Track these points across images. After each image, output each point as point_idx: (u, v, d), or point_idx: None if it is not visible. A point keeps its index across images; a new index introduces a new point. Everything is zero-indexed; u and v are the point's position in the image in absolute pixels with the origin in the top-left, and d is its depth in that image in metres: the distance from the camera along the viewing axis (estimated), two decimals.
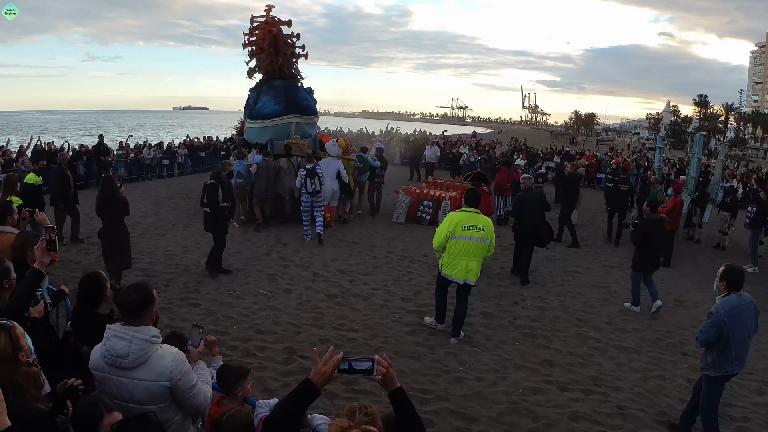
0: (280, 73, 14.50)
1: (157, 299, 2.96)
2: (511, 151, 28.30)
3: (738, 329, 4.83)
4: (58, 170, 11.08)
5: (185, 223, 12.83)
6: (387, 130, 33.11)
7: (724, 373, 4.97)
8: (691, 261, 12.62)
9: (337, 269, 9.67)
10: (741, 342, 4.89)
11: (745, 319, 4.88)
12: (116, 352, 2.68)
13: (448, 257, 6.90)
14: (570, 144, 57.63)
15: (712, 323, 4.83)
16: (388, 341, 6.85)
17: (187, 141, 24.86)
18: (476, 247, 6.84)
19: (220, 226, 9.12)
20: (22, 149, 17.63)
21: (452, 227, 6.80)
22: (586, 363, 6.70)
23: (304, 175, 11.27)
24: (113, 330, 2.74)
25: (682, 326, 8.33)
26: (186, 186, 18.73)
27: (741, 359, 4.96)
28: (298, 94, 14.26)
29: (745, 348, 4.98)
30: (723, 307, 4.84)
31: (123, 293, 2.86)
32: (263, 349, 6.39)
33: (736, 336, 4.83)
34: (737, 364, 4.94)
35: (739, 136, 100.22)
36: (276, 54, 14.37)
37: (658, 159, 19.38)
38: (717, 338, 4.82)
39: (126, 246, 8.21)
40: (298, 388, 2.28)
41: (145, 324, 2.79)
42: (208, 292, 8.18)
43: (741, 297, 4.90)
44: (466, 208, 7.03)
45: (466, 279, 6.88)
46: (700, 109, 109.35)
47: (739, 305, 4.85)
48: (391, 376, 2.23)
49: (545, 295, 9.14)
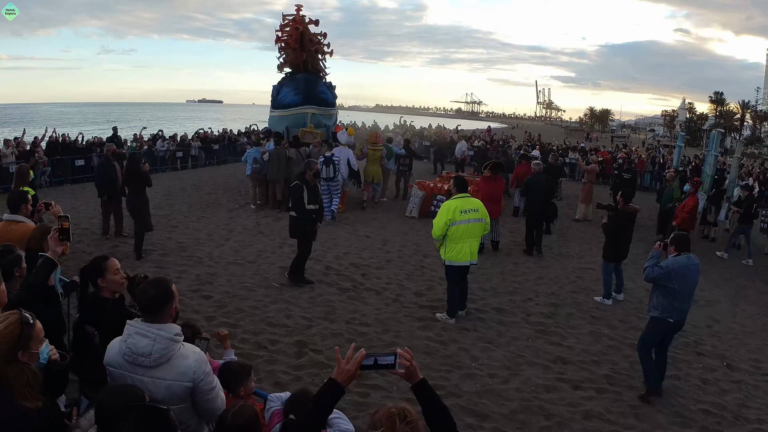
0: (304, 68, 15.86)
1: (176, 295, 2.90)
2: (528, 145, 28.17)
3: (683, 283, 5.73)
4: (103, 161, 10.92)
5: (198, 215, 12.85)
6: (400, 123, 32.99)
7: (665, 317, 5.82)
8: (705, 259, 12.45)
9: (350, 263, 9.65)
10: (685, 295, 5.82)
11: (691, 276, 5.80)
12: (139, 350, 2.61)
13: (452, 244, 7.23)
14: (585, 140, 57.25)
15: (662, 272, 5.71)
16: (400, 336, 6.82)
17: (201, 133, 24.91)
18: (475, 228, 7.28)
19: (307, 231, 8.43)
20: (36, 141, 17.72)
21: (451, 214, 7.17)
22: (600, 361, 6.64)
23: (321, 162, 12.17)
24: (135, 327, 2.67)
25: (698, 325, 8.24)
26: (200, 178, 18.77)
27: (681, 310, 5.85)
28: (317, 87, 15.45)
29: (688, 300, 5.92)
30: (674, 264, 5.72)
31: (142, 289, 2.80)
32: (274, 342, 6.38)
33: (681, 289, 5.73)
34: (677, 314, 5.82)
35: (755, 134, 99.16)
36: (301, 50, 15.63)
37: (677, 157, 19.18)
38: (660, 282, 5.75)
39: (147, 214, 9.69)
40: (323, 389, 2.24)
41: (165, 321, 2.73)
42: (219, 284, 8.17)
43: (689, 258, 5.80)
44: (458, 195, 7.43)
45: (471, 260, 7.31)
46: (716, 106, 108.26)
47: (687, 264, 5.74)
48: (414, 368, 2.21)
49: (559, 291, 9.07)
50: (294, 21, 15.60)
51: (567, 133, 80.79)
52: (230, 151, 24.95)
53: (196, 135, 24.58)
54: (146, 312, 2.73)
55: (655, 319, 5.93)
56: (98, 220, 11.65)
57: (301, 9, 15.69)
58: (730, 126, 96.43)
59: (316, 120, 15.06)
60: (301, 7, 15.69)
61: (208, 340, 3.26)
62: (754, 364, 7.10)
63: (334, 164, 12.57)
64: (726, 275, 11.47)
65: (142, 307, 2.76)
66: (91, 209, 12.88)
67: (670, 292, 5.73)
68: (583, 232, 14.01)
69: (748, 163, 35.55)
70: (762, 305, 9.79)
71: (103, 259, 3.53)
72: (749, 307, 9.61)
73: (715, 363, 6.98)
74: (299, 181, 8.28)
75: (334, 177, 12.67)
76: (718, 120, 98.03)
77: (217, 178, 19.03)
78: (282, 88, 15.68)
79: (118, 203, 10.59)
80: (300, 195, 8.12)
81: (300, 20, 15.58)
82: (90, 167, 18.32)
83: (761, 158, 56.68)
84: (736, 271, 11.92)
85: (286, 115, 15.29)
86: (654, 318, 5.95)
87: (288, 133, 14.88)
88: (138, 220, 9.55)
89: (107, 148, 11.17)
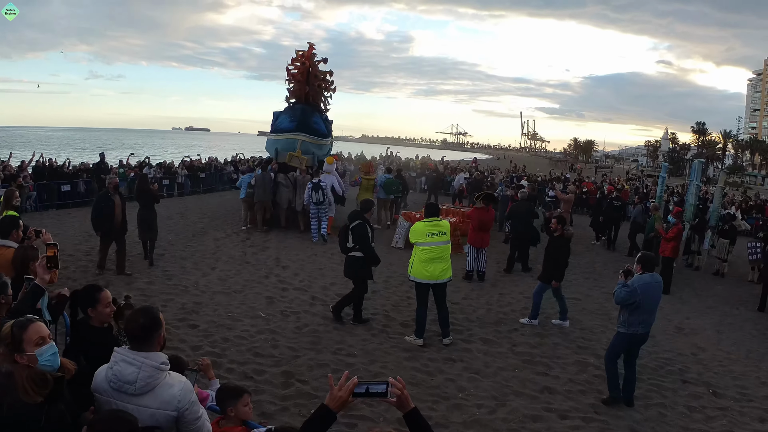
0: (306, 100, 16.93)
1: (164, 323, 2.91)
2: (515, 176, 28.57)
3: (647, 299, 6.17)
4: (103, 195, 10.17)
5: (184, 243, 12.81)
6: (387, 155, 33.29)
7: (633, 331, 6.27)
8: (690, 288, 12.60)
9: (336, 293, 9.62)
10: (649, 310, 6.27)
11: (654, 293, 6.27)
12: (124, 378, 2.62)
13: (418, 263, 7.55)
14: (569, 171, 57.83)
15: (629, 290, 6.10)
16: (387, 367, 6.79)
17: (187, 161, 24.93)
18: (441, 250, 7.57)
19: (368, 270, 8.35)
20: (23, 165, 17.65)
21: (415, 237, 7.67)
22: (587, 390, 6.65)
23: (310, 188, 13.57)
24: (122, 354, 2.68)
25: (683, 353, 8.30)
26: (186, 206, 18.74)
27: (646, 323, 6.32)
28: (311, 118, 16.44)
29: (652, 314, 6.38)
30: (638, 282, 6.16)
31: (130, 317, 2.82)
32: (261, 373, 6.34)
33: (645, 304, 6.17)
34: (642, 327, 6.28)
35: (737, 163, 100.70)
36: (305, 84, 16.84)
37: (660, 187, 19.44)
38: (630, 302, 6.11)
39: (154, 225, 11.01)
40: (315, 414, 2.26)
41: (153, 349, 2.73)
42: (206, 314, 8.13)
43: (653, 276, 6.30)
44: (427, 219, 7.75)
45: (438, 279, 7.54)
46: (699, 136, 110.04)
47: (651, 282, 6.22)
48: (406, 397, 2.23)
49: (545, 321, 9.09)
50: (303, 57, 16.85)
51: (552, 164, 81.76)
52: (217, 180, 24.97)
53: (182, 163, 24.60)
54: (134, 340, 2.73)
55: (623, 334, 6.35)
56: (84, 246, 11.66)
57: (313, 48, 17.13)
58: (712, 155, 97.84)
59: (305, 147, 15.83)
60: (313, 46, 17.17)
61: (197, 371, 3.24)
62: (739, 391, 7.14)
63: (323, 189, 13.58)
64: (710, 303, 11.57)
65: (130, 335, 2.76)
66: (77, 235, 12.86)
67: (636, 308, 6.15)
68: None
69: (730, 192, 36.01)
70: (746, 332, 9.87)
71: (98, 290, 3.52)
72: (734, 334, 9.68)
73: (700, 390, 7.01)
74: (361, 220, 8.17)
75: (323, 201, 13.72)
76: (700, 150, 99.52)
77: (203, 206, 19.02)
78: (281, 115, 16.81)
79: (119, 240, 10.01)
80: (365, 233, 8.12)
81: (309, 57, 16.85)
82: (76, 193, 18.31)
83: (744, 187, 57.44)
84: (721, 298, 12.03)
85: (278, 139, 16.30)
86: (622, 334, 6.37)
87: (278, 154, 15.95)
88: (146, 228, 10.86)
89: (110, 181, 10.51)
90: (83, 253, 11.10)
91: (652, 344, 8.52)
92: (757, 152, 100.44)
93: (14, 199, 7.39)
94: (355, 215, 8.29)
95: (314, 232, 14.10)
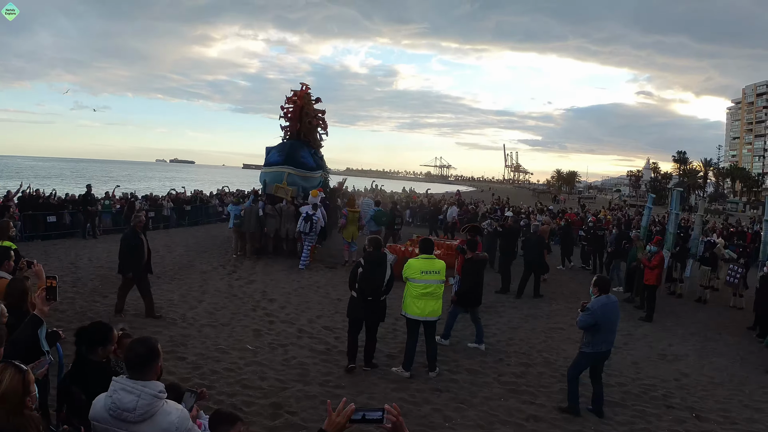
0: (297, 136, 18.38)
1: (161, 353, 2.99)
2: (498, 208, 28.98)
3: (606, 319, 6.64)
4: (129, 233, 9.67)
5: (171, 276, 12.82)
6: (372, 188, 33.58)
7: (596, 350, 6.73)
8: (673, 315, 12.76)
9: (323, 326, 9.69)
10: (609, 329, 6.74)
11: (611, 313, 6.74)
12: (123, 406, 2.70)
13: (410, 298, 7.59)
14: (552, 202, 58.40)
15: (589, 314, 6.60)
16: (374, 397, 6.84)
17: (173, 194, 24.97)
18: (434, 288, 7.59)
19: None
20: (9, 195, 17.59)
21: (409, 272, 7.59)
22: (571, 419, 6.72)
23: (303, 219, 14.65)
24: (121, 383, 2.76)
25: (666, 379, 8.42)
26: (172, 239, 18.74)
27: (608, 341, 6.83)
28: (299, 152, 17.71)
29: (612, 333, 6.88)
30: (596, 304, 6.65)
31: (129, 347, 2.91)
32: (250, 404, 6.36)
33: (604, 325, 6.63)
34: (605, 345, 6.78)
35: (718, 191, 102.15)
36: (297, 121, 18.31)
37: (646, 218, 19.76)
38: (592, 324, 6.57)
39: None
40: None
41: (151, 378, 2.82)
42: (194, 346, 8.15)
43: (609, 298, 6.79)
44: (422, 255, 7.73)
45: (428, 317, 7.57)
46: (680, 165, 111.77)
47: (607, 303, 6.70)
48: (401, 423, 2.31)
49: (529, 351, 9.20)
50: (297, 96, 18.33)
51: (535, 196, 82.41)
52: (203, 213, 24.98)
53: (168, 195, 24.63)
54: (132, 369, 2.82)
55: (586, 354, 6.82)
56: (70, 278, 11.62)
57: (308, 88, 18.72)
58: (693, 184, 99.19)
59: (291, 179, 16.99)
60: (308, 87, 18.73)
61: (197, 393, 3.31)
62: (722, 414, 7.25)
63: (312, 221, 14.55)
64: (693, 329, 11.72)
65: (129, 364, 2.85)
66: (63, 267, 12.91)
67: (597, 329, 6.61)
68: (553, 292, 14.27)
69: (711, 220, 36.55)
70: (729, 357, 10.01)
71: (109, 330, 3.65)
72: (717, 359, 9.82)
73: (684, 415, 7.10)
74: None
75: (309, 233, 14.70)
76: (681, 178, 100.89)
77: (189, 239, 19.03)
78: (272, 150, 18.06)
79: (144, 280, 9.65)
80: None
81: (301, 96, 18.33)
82: (62, 224, 18.26)
83: (725, 214, 58.22)
84: (703, 325, 12.19)
85: (267, 171, 17.71)
86: (586, 353, 6.83)
87: (266, 186, 17.55)
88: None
89: (137, 219, 9.89)
90: (69, 284, 11.08)
91: (636, 371, 8.66)
92: (738, 180, 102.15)
93: (10, 230, 7.38)
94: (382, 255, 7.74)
95: (303, 259, 14.87)
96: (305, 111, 18.35)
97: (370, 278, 7.50)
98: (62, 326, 6.47)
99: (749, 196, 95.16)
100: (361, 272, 7.53)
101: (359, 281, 7.52)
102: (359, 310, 7.61)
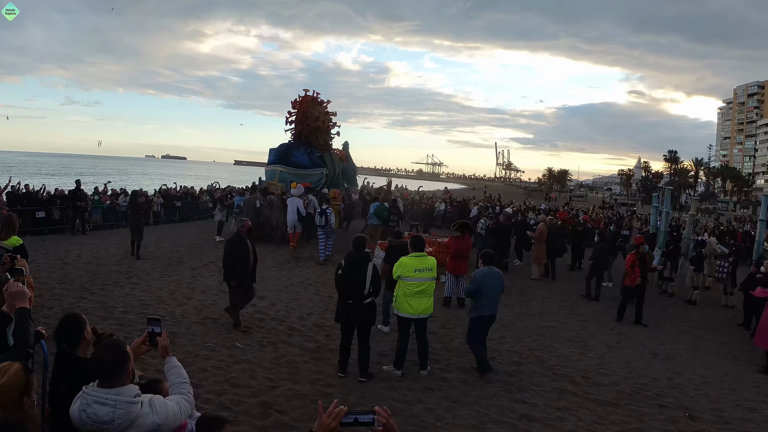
0: (298, 138, 21.37)
1: (132, 356, 2.86)
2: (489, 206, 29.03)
3: (488, 287, 7.66)
4: (235, 239, 9.20)
5: (160, 272, 12.68)
6: (364, 185, 33.52)
7: (480, 314, 7.71)
8: (665, 314, 12.77)
9: (313, 323, 9.59)
10: (491, 295, 7.73)
11: (493, 281, 7.72)
12: (100, 419, 2.58)
13: (402, 297, 7.48)
14: (545, 201, 58.50)
15: (473, 281, 7.72)
16: (366, 396, 6.76)
17: (163, 190, 24.79)
18: (427, 286, 7.57)
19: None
20: None
21: (401, 271, 7.49)
22: (564, 417, 6.67)
23: (318, 214, 15.59)
24: (93, 396, 2.62)
25: (658, 378, 8.40)
26: (162, 235, 18.56)
27: (491, 307, 7.76)
28: (292, 152, 20.37)
29: (495, 300, 7.83)
30: (479, 273, 7.75)
31: (95, 354, 2.77)
32: (238, 403, 6.27)
33: (487, 292, 7.66)
34: (487, 310, 7.72)
35: (709, 190, 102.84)
36: (299, 124, 21.24)
37: (654, 217, 19.79)
38: (477, 292, 7.65)
39: (141, 229, 14.89)
40: None
41: (123, 383, 2.69)
42: (182, 344, 8.02)
43: (491, 269, 7.86)
44: (414, 253, 7.65)
45: (420, 315, 7.50)
46: (671, 164, 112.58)
47: (489, 273, 7.76)
48: (392, 426, 2.24)
49: (521, 350, 9.15)
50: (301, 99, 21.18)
51: (526, 194, 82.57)
52: (193, 209, 24.81)
53: (158, 191, 24.45)
54: (103, 377, 2.68)
55: (474, 318, 7.79)
56: (58, 275, 11.48)
57: (319, 95, 22.02)
58: (684, 183, 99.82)
59: (282, 176, 19.58)
60: (318, 93, 21.96)
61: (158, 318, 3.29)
62: (715, 413, 7.24)
63: (327, 215, 15.37)
64: (685, 328, 11.73)
65: (98, 373, 2.70)
66: (51, 263, 12.72)
67: (480, 294, 7.65)
68: (545, 290, 14.24)
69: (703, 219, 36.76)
70: (721, 356, 10.02)
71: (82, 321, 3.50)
72: (709, 358, 9.83)
73: (677, 414, 7.08)
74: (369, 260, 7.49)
75: (324, 225, 15.43)
76: (672, 178, 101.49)
77: (179, 235, 18.88)
78: (272, 151, 20.70)
79: (249, 292, 9.28)
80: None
81: (304, 102, 21.19)
82: (51, 219, 18.07)
83: (716, 213, 58.56)
84: (695, 324, 12.20)
85: (266, 170, 20.97)
86: (473, 318, 7.81)
87: (260, 182, 20.82)
88: (137, 233, 14.54)
89: (242, 224, 9.33)
90: (57, 281, 10.94)
91: (628, 370, 8.64)
92: (729, 179, 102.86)
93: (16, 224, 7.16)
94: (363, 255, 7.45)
95: (321, 252, 15.58)
96: (307, 115, 21.01)
97: (347, 281, 7.24)
98: (49, 324, 6.38)
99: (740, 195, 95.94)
100: (339, 274, 7.33)
101: (340, 284, 7.36)
102: (344, 314, 7.38)
